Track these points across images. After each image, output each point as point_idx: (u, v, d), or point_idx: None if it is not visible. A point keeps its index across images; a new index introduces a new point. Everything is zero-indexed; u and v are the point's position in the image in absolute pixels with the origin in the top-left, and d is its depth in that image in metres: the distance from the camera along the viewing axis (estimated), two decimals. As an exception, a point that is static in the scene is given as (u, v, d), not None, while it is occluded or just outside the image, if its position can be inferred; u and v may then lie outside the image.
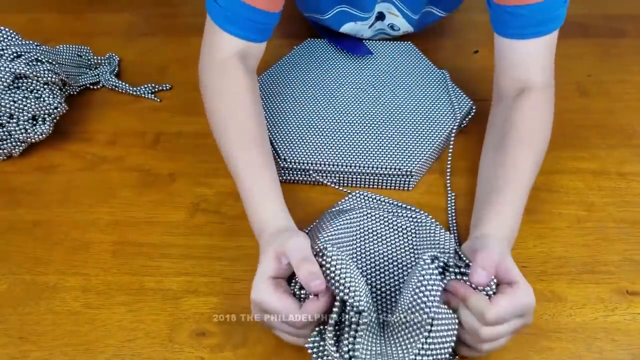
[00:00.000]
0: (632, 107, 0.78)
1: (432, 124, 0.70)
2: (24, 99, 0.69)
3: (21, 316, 0.56)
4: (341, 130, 0.70)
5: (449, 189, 0.67)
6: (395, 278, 0.57)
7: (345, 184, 0.68)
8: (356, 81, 0.77)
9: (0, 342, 0.54)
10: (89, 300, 0.57)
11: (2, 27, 0.72)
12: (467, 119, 0.73)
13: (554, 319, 0.55)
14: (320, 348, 0.49)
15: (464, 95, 0.74)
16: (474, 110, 0.74)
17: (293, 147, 0.68)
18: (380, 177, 0.66)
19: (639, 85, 0.81)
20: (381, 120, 0.71)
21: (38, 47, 0.75)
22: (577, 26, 0.93)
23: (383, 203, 0.64)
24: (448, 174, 0.68)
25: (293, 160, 0.67)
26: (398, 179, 0.66)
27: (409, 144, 0.68)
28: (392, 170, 0.65)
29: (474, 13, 0.98)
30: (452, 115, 0.71)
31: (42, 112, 0.70)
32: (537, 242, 0.62)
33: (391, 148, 0.67)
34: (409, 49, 0.82)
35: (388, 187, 0.67)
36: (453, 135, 0.70)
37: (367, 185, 0.68)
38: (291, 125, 0.71)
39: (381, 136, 0.69)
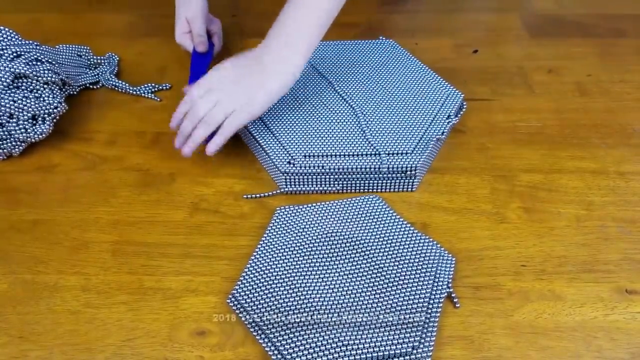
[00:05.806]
0: (632, 107, 0.78)
1: (427, 119, 0.70)
2: (24, 99, 0.69)
3: (21, 315, 0.56)
4: (339, 129, 0.69)
5: None
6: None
7: (348, 190, 0.67)
8: (346, 81, 0.76)
9: (0, 342, 0.54)
10: (88, 300, 0.58)
11: (2, 27, 0.72)
12: (460, 113, 0.73)
13: (554, 318, 0.55)
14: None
15: (454, 89, 0.74)
16: (465, 105, 0.74)
17: (294, 146, 0.68)
18: (384, 181, 0.66)
19: (639, 85, 0.81)
20: (375, 120, 0.70)
21: (38, 47, 0.75)
22: (577, 26, 0.94)
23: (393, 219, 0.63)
24: None
25: (296, 161, 0.66)
26: (402, 180, 0.66)
27: (407, 141, 0.67)
28: (397, 168, 0.65)
29: (474, 13, 0.98)
30: (445, 109, 0.71)
31: (42, 111, 0.70)
32: (536, 242, 0.62)
33: (391, 147, 0.67)
34: (393, 46, 0.81)
35: (390, 189, 0.67)
36: (448, 129, 0.69)
37: (370, 189, 0.67)
38: (291, 124, 0.71)
39: (381, 134, 0.68)
